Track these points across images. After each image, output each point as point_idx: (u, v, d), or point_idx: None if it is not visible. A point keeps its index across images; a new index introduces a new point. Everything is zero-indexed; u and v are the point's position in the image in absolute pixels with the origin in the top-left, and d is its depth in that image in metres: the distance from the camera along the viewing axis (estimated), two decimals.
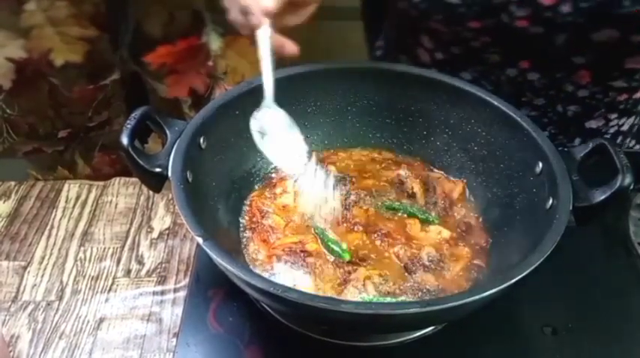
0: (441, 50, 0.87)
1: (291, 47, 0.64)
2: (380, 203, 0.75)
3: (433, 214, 0.74)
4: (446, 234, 0.72)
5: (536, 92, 0.84)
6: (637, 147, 0.98)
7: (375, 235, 0.71)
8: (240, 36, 1.02)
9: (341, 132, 0.83)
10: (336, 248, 0.69)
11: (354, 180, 0.78)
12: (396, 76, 0.80)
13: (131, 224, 0.84)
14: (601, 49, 0.76)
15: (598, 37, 0.75)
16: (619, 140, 0.93)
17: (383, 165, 0.81)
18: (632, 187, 0.60)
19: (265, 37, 0.63)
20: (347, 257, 0.68)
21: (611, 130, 0.91)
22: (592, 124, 0.89)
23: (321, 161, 0.80)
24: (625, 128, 0.92)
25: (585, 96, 0.84)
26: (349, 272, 0.67)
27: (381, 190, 0.77)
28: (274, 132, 0.68)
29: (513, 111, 0.72)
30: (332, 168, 0.79)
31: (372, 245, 0.70)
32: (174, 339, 0.69)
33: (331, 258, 0.69)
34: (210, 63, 1.02)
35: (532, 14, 0.75)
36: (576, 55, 0.79)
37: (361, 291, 0.65)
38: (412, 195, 0.76)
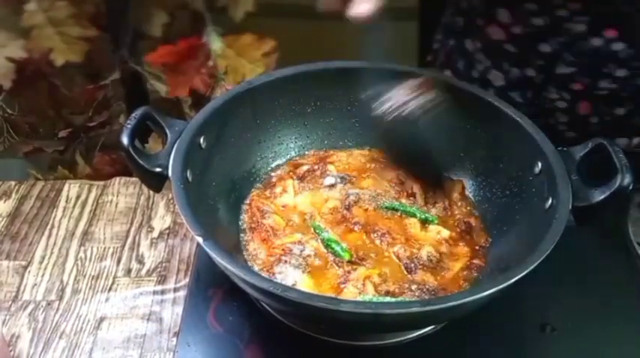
0: (520, 23, 0.86)
1: None
2: (380, 203, 0.75)
3: (433, 214, 0.74)
4: (445, 233, 0.72)
5: (619, 63, 0.83)
6: None
7: (375, 235, 0.71)
8: (240, 36, 1.03)
9: (341, 132, 0.83)
10: (335, 247, 0.69)
11: (353, 179, 0.78)
12: (397, 76, 0.80)
13: (131, 223, 0.84)
14: None
15: None
16: None
17: (383, 165, 0.81)
18: (631, 187, 0.60)
19: None
20: (347, 256, 0.68)
21: None
22: None
23: (321, 161, 0.80)
24: None
25: None
26: (349, 272, 0.67)
27: (380, 190, 0.77)
28: None
29: (513, 111, 0.73)
30: (332, 167, 0.79)
31: (372, 244, 0.71)
32: (175, 339, 0.69)
33: (331, 258, 0.69)
34: (211, 63, 1.02)
35: None
36: None
37: (361, 291, 0.65)
38: (412, 195, 0.76)
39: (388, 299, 0.64)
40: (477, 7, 0.92)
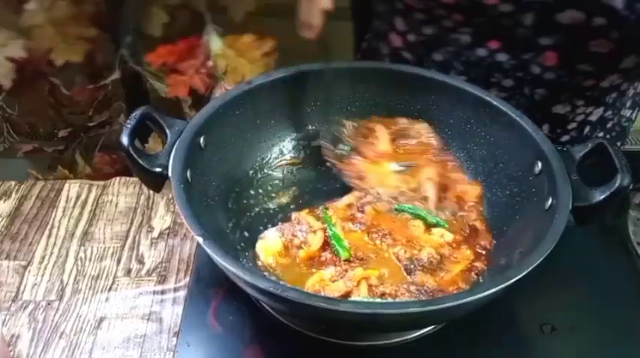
0: (413, 32, 0.88)
1: None
2: (392, 206, 0.74)
3: (443, 218, 0.73)
4: (449, 236, 0.71)
5: (504, 73, 0.85)
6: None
7: (376, 235, 0.71)
8: (240, 36, 1.03)
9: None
10: (336, 244, 0.68)
11: (414, 171, 0.77)
12: (397, 76, 0.80)
13: (131, 223, 0.84)
14: (566, 31, 0.77)
15: (563, 19, 0.76)
16: (586, 130, 0.93)
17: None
18: (631, 187, 0.60)
19: None
20: (345, 255, 0.68)
21: (578, 118, 0.91)
22: (559, 109, 0.89)
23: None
24: (593, 118, 0.91)
25: (552, 78, 0.84)
26: (346, 270, 0.66)
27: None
28: None
29: (513, 111, 0.73)
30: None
31: (372, 244, 0.70)
32: (175, 339, 0.69)
33: (328, 255, 0.68)
34: (210, 63, 1.02)
35: None
36: (543, 36, 0.79)
37: (353, 290, 0.64)
38: (424, 198, 0.75)
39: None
40: (380, 14, 0.93)
